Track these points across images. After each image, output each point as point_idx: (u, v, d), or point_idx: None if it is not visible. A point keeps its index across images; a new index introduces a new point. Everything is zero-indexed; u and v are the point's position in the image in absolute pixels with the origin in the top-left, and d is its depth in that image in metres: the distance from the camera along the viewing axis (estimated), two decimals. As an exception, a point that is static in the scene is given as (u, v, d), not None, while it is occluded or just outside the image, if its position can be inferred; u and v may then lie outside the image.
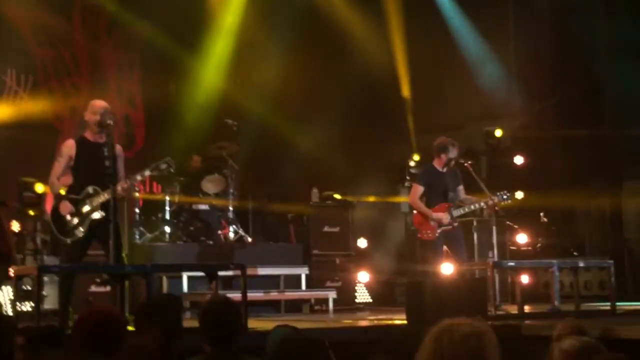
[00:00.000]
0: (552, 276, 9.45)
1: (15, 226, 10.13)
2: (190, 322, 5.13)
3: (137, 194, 11.10)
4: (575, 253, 13.15)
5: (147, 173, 8.17)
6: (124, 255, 8.22)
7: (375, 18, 13.60)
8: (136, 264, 8.95)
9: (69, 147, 7.98)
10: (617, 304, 9.42)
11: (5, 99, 11.92)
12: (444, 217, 9.56)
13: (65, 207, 7.82)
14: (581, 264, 10.21)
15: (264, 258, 10.85)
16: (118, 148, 8.12)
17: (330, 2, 13.43)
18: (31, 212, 10.45)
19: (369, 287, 12.02)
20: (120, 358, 3.84)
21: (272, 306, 10.60)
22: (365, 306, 11.71)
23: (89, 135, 8.06)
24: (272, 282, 10.73)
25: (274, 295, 10.54)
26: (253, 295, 9.42)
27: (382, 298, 12.23)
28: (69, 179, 8.00)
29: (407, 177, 13.08)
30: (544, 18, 14.17)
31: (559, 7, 13.90)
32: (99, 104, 8.08)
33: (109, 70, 12.95)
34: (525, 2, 14.26)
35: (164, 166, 8.12)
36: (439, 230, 9.55)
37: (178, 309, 4.58)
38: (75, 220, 7.83)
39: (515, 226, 12.77)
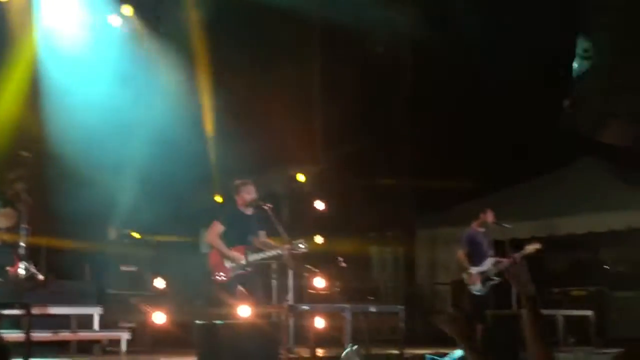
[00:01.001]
0: (345, 320, 9.63)
1: None
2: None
3: None
4: (371, 298, 13.49)
5: None
6: None
7: (183, 61, 13.59)
8: None
9: None
10: (407, 349, 9.71)
11: None
12: (240, 258, 9.57)
13: None
14: (373, 309, 10.47)
15: (55, 297, 10.46)
16: None
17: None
18: None
19: (164, 328, 11.82)
20: None
21: (61, 347, 10.21)
22: (160, 349, 11.49)
23: None
24: (63, 321, 10.35)
25: (63, 335, 10.15)
26: (41, 335, 9.07)
27: (178, 340, 12.05)
28: None
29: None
30: (349, 67, 14.57)
31: (364, 56, 14.36)
32: None
33: None
34: (331, 50, 14.63)
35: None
36: (233, 274, 9.55)
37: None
38: None
39: (314, 270, 12.95)
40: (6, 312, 8.16)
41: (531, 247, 11.47)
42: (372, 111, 14.12)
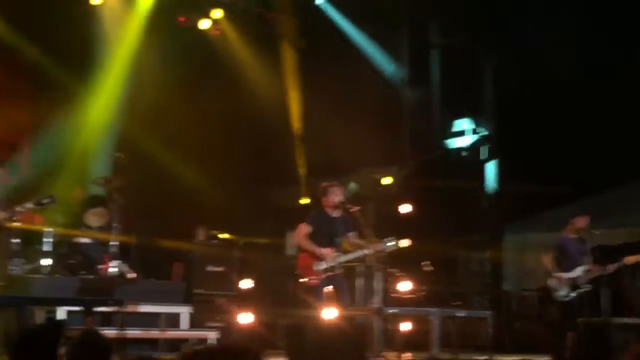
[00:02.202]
0: (432, 324, 9.56)
1: None
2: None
3: (16, 224, 10.76)
4: (457, 303, 13.36)
5: (29, 206, 7.99)
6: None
7: (271, 60, 13.68)
8: (9, 296, 8.65)
9: None
10: (495, 355, 9.59)
11: None
12: (330, 257, 9.56)
13: None
14: (460, 314, 10.37)
15: (145, 295, 10.61)
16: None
17: (226, 39, 13.45)
18: None
19: (251, 329, 11.90)
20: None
21: (151, 345, 10.37)
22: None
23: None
24: (152, 320, 10.52)
25: (153, 333, 10.32)
26: (132, 332, 9.23)
27: (264, 341, 12.12)
28: None
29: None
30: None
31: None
32: None
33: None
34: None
35: (46, 201, 7.99)
36: (322, 276, 9.56)
37: (57, 337, 4.36)
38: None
39: (400, 274, 12.88)
40: (100, 309, 8.30)
41: (632, 259, 11.18)
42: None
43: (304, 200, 13.56)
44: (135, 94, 12.61)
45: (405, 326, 10.62)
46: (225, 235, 12.67)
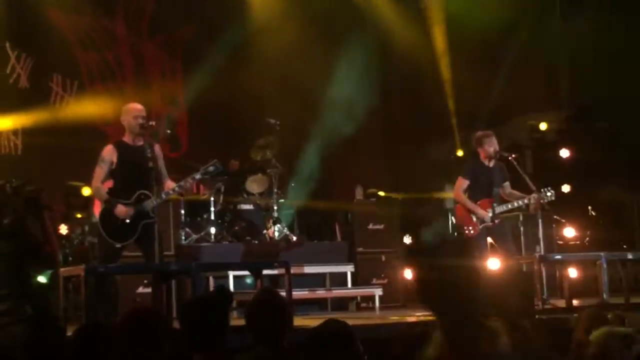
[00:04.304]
0: (600, 269, 9.34)
1: (63, 229, 10.27)
2: (236, 321, 5.08)
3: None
4: (624, 246, 12.98)
5: (198, 176, 8.26)
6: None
7: (415, 11, 13.52)
8: (180, 262, 9.00)
9: (109, 152, 8.08)
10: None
11: (51, 105, 12.06)
12: (486, 215, 9.49)
13: (123, 211, 7.91)
14: (630, 256, 10.06)
15: (309, 256, 10.84)
16: (157, 147, 8.21)
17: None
18: (78, 215, 10.60)
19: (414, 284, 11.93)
20: (162, 356, 3.86)
21: (318, 304, 10.59)
22: (411, 304, 11.63)
23: (127, 138, 8.16)
24: (317, 280, 10.74)
25: (320, 293, 10.54)
26: (299, 293, 9.45)
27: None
28: (109, 184, 8.12)
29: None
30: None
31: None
32: (137, 107, 8.21)
33: (152, 72, 13.06)
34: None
35: (211, 169, 8.22)
36: (480, 226, 9.49)
37: (228, 303, 4.50)
38: (127, 224, 7.92)
39: (563, 220, 12.63)
40: (267, 271, 8.53)
41: None
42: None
43: (459, 152, 13.43)
44: (278, 59, 12.66)
45: (573, 273, 10.42)
46: (383, 193, 12.72)
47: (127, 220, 7.93)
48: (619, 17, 13.13)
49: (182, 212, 11.03)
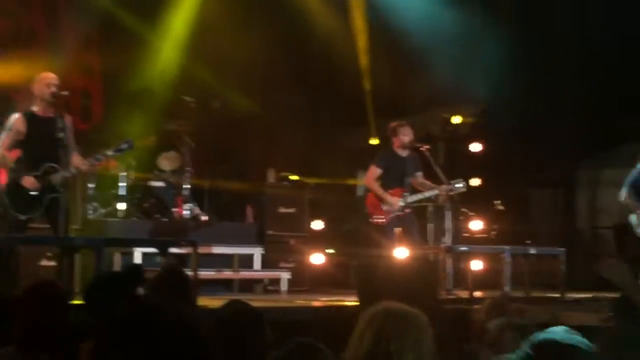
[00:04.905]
0: (504, 263, 9.53)
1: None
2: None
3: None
4: (528, 241, 13.26)
5: (110, 153, 8.15)
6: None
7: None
8: (86, 237, 8.87)
9: (18, 121, 7.90)
10: (567, 293, 9.53)
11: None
12: (397, 203, 9.59)
13: (31, 183, 7.75)
14: (532, 251, 10.30)
15: (218, 237, 10.79)
16: (68, 118, 8.05)
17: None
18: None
19: (322, 269, 12.02)
20: (63, 330, 3.79)
21: (225, 285, 10.56)
22: (318, 288, 11.70)
23: (38, 109, 7.98)
24: (225, 261, 10.69)
25: (227, 274, 10.50)
26: (206, 273, 9.40)
27: (336, 280, 12.24)
28: (16, 153, 7.93)
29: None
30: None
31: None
32: (50, 76, 8.02)
33: (67, 41, 12.76)
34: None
35: (124, 146, 8.14)
36: (391, 215, 9.59)
37: (137, 279, 4.43)
38: (34, 197, 7.76)
39: (471, 213, 12.83)
40: (173, 250, 8.46)
41: None
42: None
43: (373, 141, 13.51)
44: (203, 37, 12.56)
45: (477, 265, 10.62)
46: (296, 177, 12.75)
47: (35, 193, 7.76)
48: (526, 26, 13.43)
49: (91, 185, 10.86)
